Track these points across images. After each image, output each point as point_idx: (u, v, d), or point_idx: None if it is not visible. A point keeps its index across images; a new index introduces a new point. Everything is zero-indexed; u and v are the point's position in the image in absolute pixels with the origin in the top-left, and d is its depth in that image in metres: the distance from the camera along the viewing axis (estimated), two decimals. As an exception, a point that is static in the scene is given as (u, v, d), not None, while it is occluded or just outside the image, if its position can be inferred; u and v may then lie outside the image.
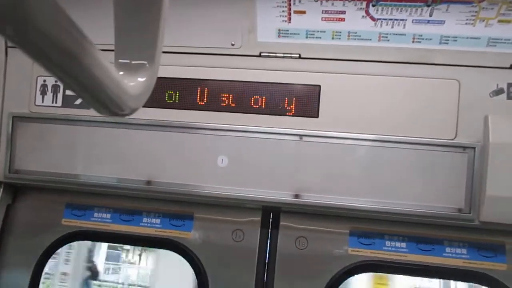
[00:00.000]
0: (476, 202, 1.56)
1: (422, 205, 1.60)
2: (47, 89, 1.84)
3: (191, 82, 1.73)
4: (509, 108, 1.57)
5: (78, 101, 1.82)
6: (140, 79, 0.54)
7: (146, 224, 1.85)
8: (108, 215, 1.88)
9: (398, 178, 1.61)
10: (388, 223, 1.70)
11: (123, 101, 0.50)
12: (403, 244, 1.70)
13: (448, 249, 1.68)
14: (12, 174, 1.85)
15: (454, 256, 1.67)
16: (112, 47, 0.59)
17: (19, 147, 1.85)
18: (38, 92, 1.85)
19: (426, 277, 1.71)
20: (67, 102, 1.83)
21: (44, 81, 1.85)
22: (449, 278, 1.69)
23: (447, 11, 1.50)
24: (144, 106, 1.73)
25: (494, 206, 1.52)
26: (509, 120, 1.54)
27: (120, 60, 0.50)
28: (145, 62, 0.55)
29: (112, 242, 2.06)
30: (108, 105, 0.50)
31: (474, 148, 1.57)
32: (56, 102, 1.84)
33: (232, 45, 1.70)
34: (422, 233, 1.69)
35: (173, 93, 1.74)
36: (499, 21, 1.51)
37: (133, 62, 0.54)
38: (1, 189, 1.89)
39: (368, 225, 1.72)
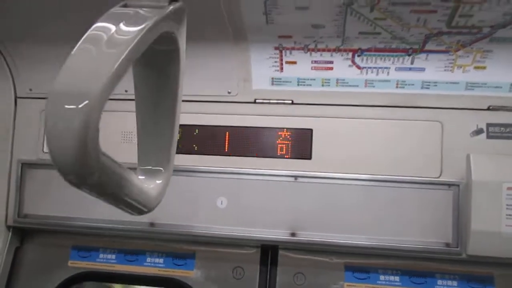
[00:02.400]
0: (463, 237, 1.65)
1: (413, 240, 1.69)
2: None
3: (190, 128, 1.84)
4: (489, 147, 1.68)
5: (84, 148, 1.91)
6: (157, 182, 0.64)
7: (149, 264, 1.92)
8: (113, 256, 1.95)
9: (388, 214, 1.71)
10: (382, 257, 1.78)
11: (146, 202, 0.60)
12: (397, 278, 1.78)
13: (439, 282, 1.75)
14: (20, 219, 1.93)
15: None
16: None
17: (27, 192, 1.94)
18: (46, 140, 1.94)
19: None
20: (74, 148, 1.93)
21: (52, 129, 1.94)
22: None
23: (427, 59, 1.63)
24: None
25: (479, 240, 1.61)
26: (489, 158, 1.65)
27: (142, 167, 0.61)
28: (161, 168, 0.66)
29: (118, 282, 2.12)
30: (136, 208, 0.60)
31: (458, 185, 1.67)
32: (63, 149, 1.93)
33: (229, 93, 1.81)
34: (414, 266, 1.77)
35: (173, 138, 1.84)
36: (475, 67, 1.63)
37: (152, 168, 0.65)
38: (10, 233, 1.97)
39: (363, 259, 1.80)
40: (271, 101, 1.80)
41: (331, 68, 1.71)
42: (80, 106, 0.44)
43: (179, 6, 0.59)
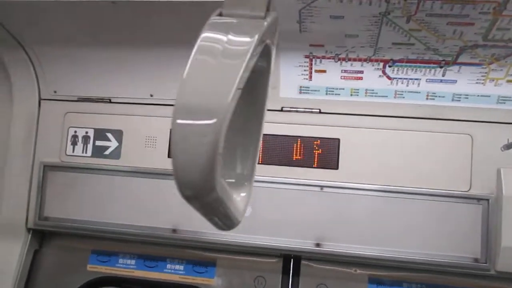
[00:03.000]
0: (492, 252, 1.62)
1: (439, 254, 1.66)
2: (78, 140, 1.94)
3: None
4: (520, 161, 1.66)
5: (107, 152, 1.91)
6: (242, 194, 0.63)
7: (170, 271, 1.90)
8: (133, 261, 1.93)
9: (415, 227, 1.68)
10: (407, 270, 1.75)
11: (236, 216, 0.59)
12: (422, 292, 1.75)
13: (465, 297, 1.73)
14: (41, 221, 1.92)
15: None
16: None
17: (48, 195, 1.93)
18: (69, 143, 1.94)
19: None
20: (97, 152, 1.92)
21: (75, 132, 1.94)
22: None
23: (459, 71, 1.61)
24: (170, 157, 1.82)
25: (510, 256, 1.58)
26: (520, 173, 1.62)
27: (227, 180, 0.60)
28: (245, 182, 0.65)
29: (136, 288, 2.11)
30: (229, 222, 0.59)
31: (488, 200, 1.64)
32: (86, 152, 1.93)
33: None
34: (440, 281, 1.74)
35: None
36: (508, 80, 1.61)
37: (236, 181, 0.64)
38: (30, 236, 1.96)
39: (387, 272, 1.78)
40: (299, 109, 1.79)
41: (361, 78, 1.69)
42: (211, 122, 0.43)
43: (275, 15, 0.58)
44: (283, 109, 1.80)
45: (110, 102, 1.92)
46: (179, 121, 0.44)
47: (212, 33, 0.50)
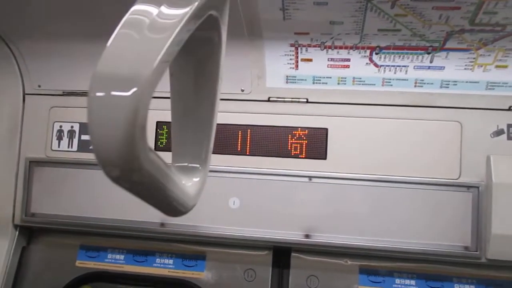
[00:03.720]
0: (483, 240, 1.60)
1: (430, 243, 1.64)
2: (63, 134, 1.91)
3: None
4: (510, 148, 1.63)
5: (93, 146, 1.88)
6: (195, 179, 0.61)
7: (159, 265, 1.88)
8: (122, 256, 1.91)
9: (405, 217, 1.66)
10: (398, 260, 1.74)
11: (185, 201, 0.56)
12: (413, 282, 1.73)
13: (457, 286, 1.71)
14: (28, 218, 1.89)
15: None
16: None
17: (35, 191, 1.91)
18: (55, 137, 1.91)
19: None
20: (83, 147, 1.89)
21: (61, 126, 1.91)
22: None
23: (447, 58, 1.59)
24: (157, 150, 1.79)
25: (500, 244, 1.56)
26: (510, 160, 1.60)
27: (177, 164, 0.57)
28: (198, 165, 0.62)
29: (126, 284, 2.08)
30: (174, 209, 0.56)
31: (477, 187, 1.62)
32: (72, 147, 1.90)
33: (242, 91, 1.77)
34: (431, 270, 1.72)
35: (185, 137, 1.80)
36: (496, 66, 1.59)
37: (189, 165, 0.61)
38: (17, 232, 1.93)
39: (377, 262, 1.76)
40: (286, 99, 1.76)
41: (348, 66, 1.67)
42: (128, 93, 0.40)
43: None
44: (270, 99, 1.77)
45: None
46: (94, 94, 0.41)
47: (143, 5, 0.47)
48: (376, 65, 1.65)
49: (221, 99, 1.81)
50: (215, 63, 0.60)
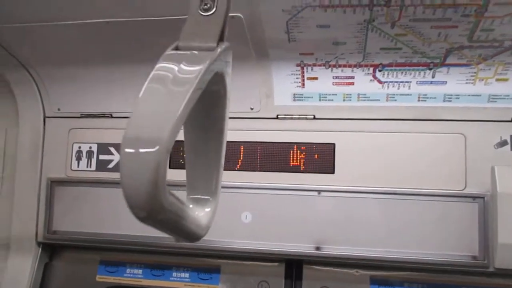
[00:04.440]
0: (490, 249, 1.64)
1: (438, 253, 1.68)
2: (82, 155, 2.01)
3: None
4: (514, 158, 1.67)
5: (111, 165, 1.97)
6: (206, 210, 0.68)
7: (176, 279, 1.95)
8: (140, 271, 1.99)
9: (413, 228, 1.71)
10: (407, 270, 1.78)
11: (197, 231, 0.64)
12: (423, 291, 1.77)
13: (466, 295, 1.74)
14: (50, 235, 1.98)
15: None
16: None
17: (56, 209, 2.00)
18: (74, 158, 2.01)
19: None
20: (101, 166, 1.98)
21: (79, 147, 2.01)
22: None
23: (448, 73, 1.64)
24: (171, 168, 1.88)
25: (507, 253, 1.60)
26: (514, 170, 1.64)
27: (191, 196, 0.64)
28: (209, 197, 0.69)
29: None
30: (188, 236, 0.63)
31: (483, 197, 1.66)
32: (90, 167, 1.99)
33: (251, 109, 1.85)
34: (440, 280, 1.76)
35: (198, 155, 1.88)
36: (497, 79, 1.64)
37: (201, 197, 0.69)
38: (40, 249, 2.02)
39: (388, 272, 1.80)
40: (293, 116, 1.83)
41: (352, 83, 1.73)
42: (153, 149, 0.48)
43: (226, 46, 0.63)
44: (278, 116, 1.84)
45: (112, 117, 1.98)
46: (126, 150, 0.49)
47: (165, 63, 0.55)
48: (379, 81, 1.70)
49: (232, 118, 1.88)
50: (221, 110, 0.67)
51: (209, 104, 0.65)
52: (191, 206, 0.66)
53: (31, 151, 2.04)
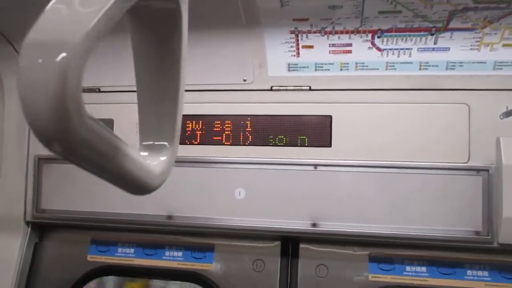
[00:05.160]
0: (494, 224, 1.56)
1: (440, 229, 1.61)
2: None
3: (206, 118, 1.79)
4: (520, 129, 1.58)
5: (100, 141, 1.90)
6: (162, 158, 0.60)
7: (168, 258, 1.89)
8: (132, 250, 1.93)
9: (413, 202, 1.63)
10: (408, 247, 1.71)
11: (149, 181, 0.56)
12: (424, 269, 1.70)
13: (469, 272, 1.67)
14: (38, 214, 1.92)
15: (476, 279, 1.66)
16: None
17: (44, 187, 1.93)
18: None
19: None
20: (89, 142, 1.91)
21: (67, 124, 1.93)
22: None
23: (451, 38, 1.54)
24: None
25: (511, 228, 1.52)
26: (521, 141, 1.56)
27: (144, 143, 0.56)
28: (166, 143, 0.61)
29: (136, 276, 2.11)
30: (137, 187, 0.56)
31: (487, 170, 1.58)
32: (78, 143, 1.92)
33: (244, 81, 1.76)
34: (442, 257, 1.69)
35: (188, 129, 1.80)
36: (504, 45, 1.54)
37: (156, 143, 0.61)
38: (29, 229, 1.97)
39: (387, 250, 1.73)
40: (288, 88, 1.74)
41: (350, 52, 1.64)
42: (56, 59, 0.39)
43: None
44: (273, 88, 1.76)
45: (99, 91, 1.90)
46: (25, 56, 0.40)
47: None
48: (378, 49, 1.61)
49: (224, 90, 1.80)
50: (177, 36, 0.58)
51: (160, 24, 0.56)
52: (144, 153, 0.58)
53: (17, 128, 1.97)
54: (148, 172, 0.56)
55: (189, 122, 1.81)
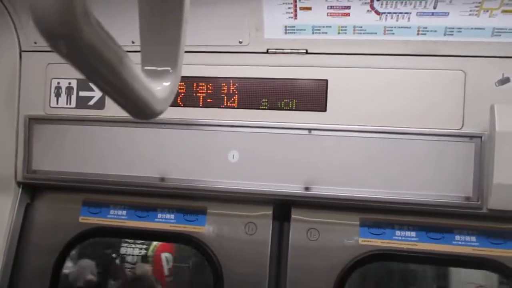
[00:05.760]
0: (484, 190, 1.58)
1: (431, 194, 1.63)
2: (61, 91, 1.90)
3: (200, 80, 1.77)
4: (515, 97, 1.59)
5: (92, 102, 1.87)
6: (165, 84, 0.58)
7: (160, 220, 1.89)
8: (124, 212, 1.93)
9: (406, 168, 1.64)
10: (398, 212, 1.73)
11: (152, 104, 0.54)
12: (413, 233, 1.73)
13: (457, 237, 1.70)
14: (29, 175, 1.91)
15: (464, 244, 1.69)
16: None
17: (35, 148, 1.91)
18: (53, 94, 1.90)
19: (437, 265, 1.74)
20: (81, 103, 1.88)
21: (58, 83, 1.90)
22: (459, 266, 1.72)
23: (451, 3, 1.52)
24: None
25: (501, 193, 1.54)
26: (515, 108, 1.56)
27: (146, 67, 0.55)
28: (169, 68, 0.59)
29: (128, 238, 2.12)
30: (140, 109, 0.54)
31: (480, 137, 1.59)
32: (70, 104, 1.89)
33: (240, 42, 1.73)
34: (431, 222, 1.71)
35: (182, 91, 1.78)
36: (503, 11, 1.52)
37: (158, 68, 0.59)
38: (20, 189, 1.95)
39: (378, 215, 1.75)
40: (285, 50, 1.72)
41: (348, 14, 1.61)
42: None
43: None
44: (269, 51, 1.73)
45: None
46: None
47: None
48: (377, 12, 1.59)
49: (218, 52, 1.77)
50: None
51: None
52: (147, 79, 0.57)
53: (7, 87, 1.93)
54: (152, 94, 0.54)
55: (182, 84, 1.78)
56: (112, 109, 1.84)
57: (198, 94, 1.77)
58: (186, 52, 1.82)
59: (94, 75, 0.47)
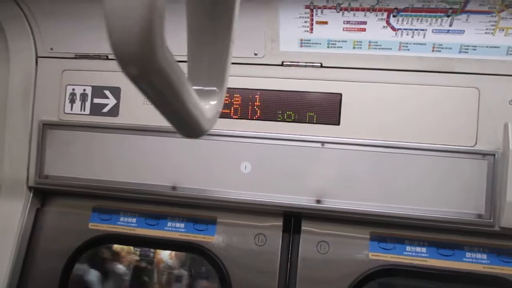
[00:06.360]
0: (497, 208, 1.58)
1: (442, 211, 1.63)
2: (76, 98, 1.91)
3: None
4: (529, 116, 1.59)
5: (106, 109, 1.88)
6: (212, 103, 0.59)
7: (170, 228, 1.90)
8: (134, 220, 1.93)
9: (418, 184, 1.65)
10: (409, 228, 1.73)
11: (202, 124, 0.55)
12: (424, 249, 1.73)
13: (468, 254, 1.70)
14: (41, 180, 1.92)
15: (475, 261, 1.69)
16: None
17: (48, 153, 1.92)
18: (67, 101, 1.92)
19: (446, 282, 1.74)
20: (95, 110, 1.89)
21: (73, 89, 1.91)
22: (469, 283, 1.71)
23: (467, 21, 1.54)
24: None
25: (515, 212, 1.54)
26: (529, 127, 1.57)
27: (194, 87, 0.56)
28: (215, 88, 0.60)
29: (137, 246, 2.11)
30: (191, 128, 0.55)
31: (494, 155, 1.59)
32: (84, 110, 1.90)
33: (255, 54, 1.75)
34: (442, 239, 1.71)
35: (197, 101, 1.79)
36: (519, 30, 1.54)
37: (205, 88, 0.60)
38: (31, 194, 1.96)
39: (389, 230, 1.75)
40: (299, 63, 1.73)
41: (364, 30, 1.63)
42: None
43: None
44: (284, 63, 1.74)
45: (108, 58, 1.88)
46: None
47: None
48: (393, 28, 1.60)
49: (233, 63, 1.78)
50: None
51: None
52: (198, 99, 0.58)
53: (22, 92, 1.95)
54: (202, 114, 0.55)
55: (197, 94, 1.80)
56: (126, 117, 1.85)
57: (212, 104, 1.78)
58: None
59: (156, 98, 0.48)
